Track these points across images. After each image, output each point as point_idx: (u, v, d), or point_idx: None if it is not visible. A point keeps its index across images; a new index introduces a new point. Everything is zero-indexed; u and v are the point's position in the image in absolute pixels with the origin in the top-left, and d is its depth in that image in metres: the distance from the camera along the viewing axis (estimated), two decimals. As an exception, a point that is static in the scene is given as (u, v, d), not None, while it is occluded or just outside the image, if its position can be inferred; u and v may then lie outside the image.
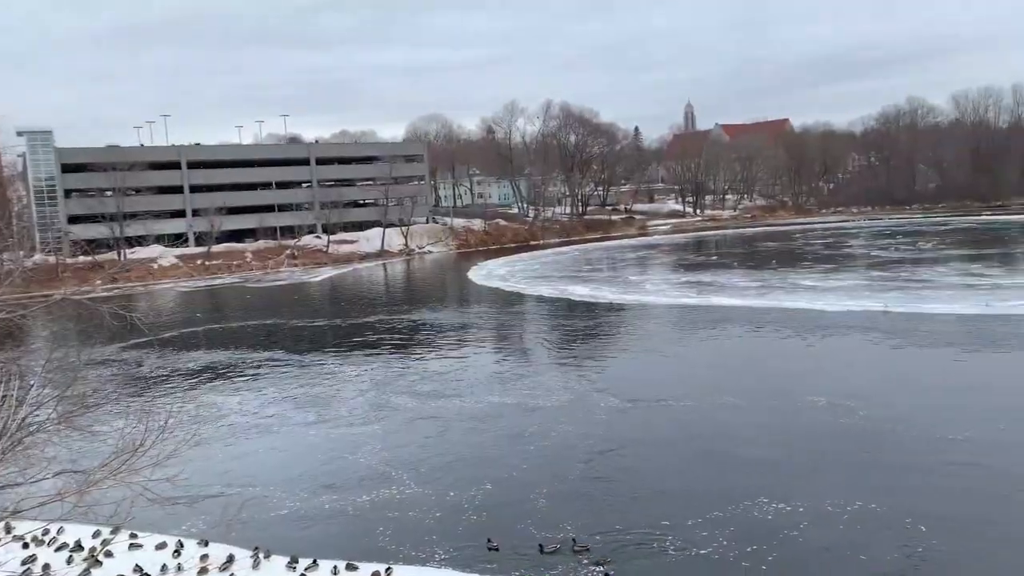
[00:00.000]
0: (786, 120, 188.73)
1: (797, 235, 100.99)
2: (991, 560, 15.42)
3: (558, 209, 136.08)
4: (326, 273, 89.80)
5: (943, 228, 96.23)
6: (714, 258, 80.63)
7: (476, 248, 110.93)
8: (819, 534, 16.77)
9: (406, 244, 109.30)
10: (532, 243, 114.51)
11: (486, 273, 77.78)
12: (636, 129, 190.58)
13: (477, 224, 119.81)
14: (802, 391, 27.61)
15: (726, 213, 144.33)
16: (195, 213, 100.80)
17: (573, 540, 16.70)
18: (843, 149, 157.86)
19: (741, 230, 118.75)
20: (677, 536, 16.94)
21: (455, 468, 22.22)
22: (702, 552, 16.18)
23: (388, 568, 16.17)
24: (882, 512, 17.55)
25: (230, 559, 16.98)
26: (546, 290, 61.10)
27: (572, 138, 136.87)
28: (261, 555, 17.10)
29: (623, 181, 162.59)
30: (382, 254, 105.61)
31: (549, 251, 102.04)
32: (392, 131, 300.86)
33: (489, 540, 17.08)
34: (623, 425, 25.33)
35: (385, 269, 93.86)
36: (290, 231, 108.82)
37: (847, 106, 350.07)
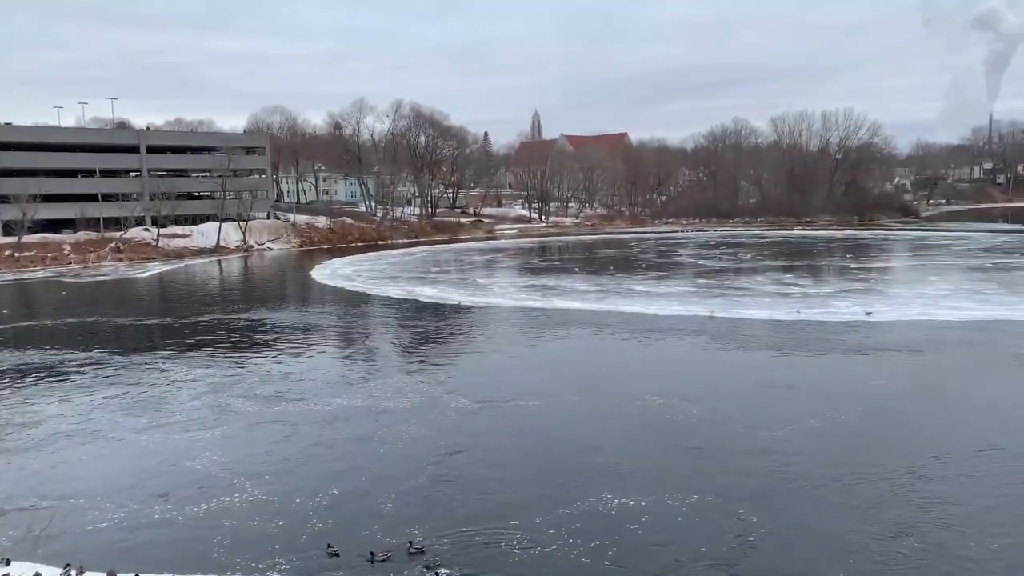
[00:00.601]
0: (625, 134, 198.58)
1: (632, 243, 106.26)
2: (813, 542, 17.00)
3: (407, 209, 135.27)
4: (155, 269, 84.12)
5: (761, 241, 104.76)
6: (557, 263, 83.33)
7: (320, 246, 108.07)
8: (660, 525, 17.85)
9: (244, 240, 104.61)
10: (379, 243, 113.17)
11: (330, 272, 76.02)
12: (486, 134, 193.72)
13: (322, 221, 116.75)
14: (641, 391, 29.19)
15: (569, 220, 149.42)
16: (3, 200, 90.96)
17: (409, 543, 16.69)
18: (675, 164, 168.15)
19: (582, 237, 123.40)
20: (524, 535, 17.42)
21: (301, 473, 21.69)
22: (546, 550, 16.74)
23: None
24: (718, 503, 18.95)
25: (35, 578, 15.67)
26: (393, 291, 60.69)
27: (422, 139, 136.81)
28: (73, 572, 15.82)
29: (472, 184, 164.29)
30: (217, 250, 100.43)
31: (397, 252, 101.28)
32: (233, 122, 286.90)
33: (329, 546, 16.77)
34: (473, 426, 25.72)
35: (220, 266, 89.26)
36: (116, 223, 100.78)
37: (680, 124, 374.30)
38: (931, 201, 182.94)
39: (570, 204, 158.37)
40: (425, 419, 26.35)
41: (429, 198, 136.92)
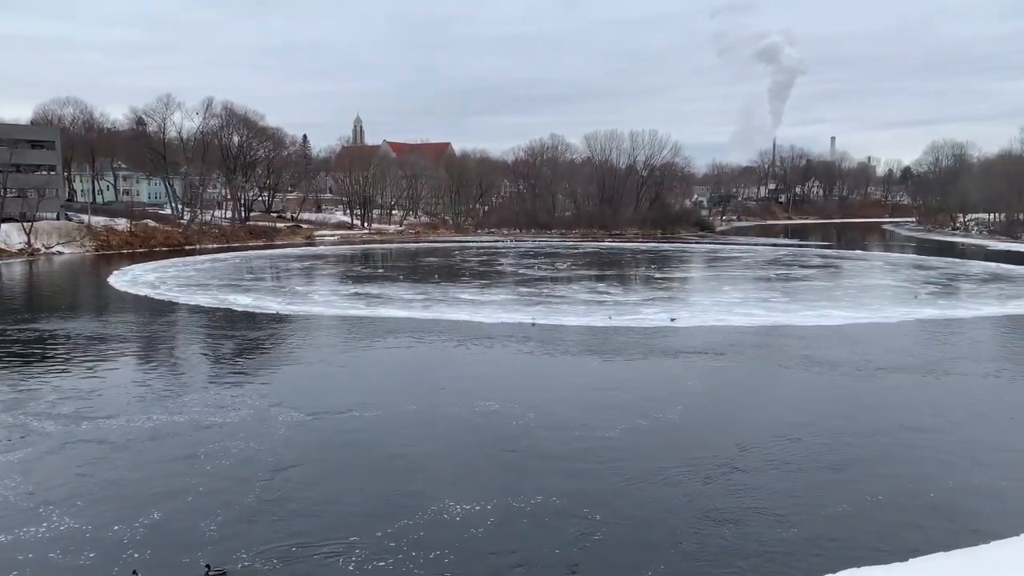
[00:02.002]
0: (448, 144, 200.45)
1: (456, 252, 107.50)
2: (649, 535, 18.06)
3: (218, 213, 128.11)
4: (-84, 273, 73.82)
5: (576, 251, 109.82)
6: (381, 271, 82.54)
7: (119, 251, 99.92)
8: (504, 530, 18.24)
9: (29, 243, 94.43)
10: (187, 248, 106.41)
11: (131, 279, 70.44)
12: (305, 137, 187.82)
13: (122, 224, 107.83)
14: (476, 398, 29.68)
15: (392, 227, 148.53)
16: None
17: (207, 567, 15.76)
18: (497, 175, 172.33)
19: (406, 244, 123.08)
20: (361, 550, 17.13)
21: (118, 498, 19.96)
22: (382, 563, 16.57)
23: None
24: (560, 504, 19.67)
25: None
26: (204, 299, 57.35)
27: (235, 139, 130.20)
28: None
29: (290, 188, 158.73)
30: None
31: (206, 257, 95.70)
32: (16, 111, 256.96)
33: (135, 572, 15.58)
34: (303, 439, 24.93)
35: (0, 271, 79.94)
36: None
37: (502, 137, 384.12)
38: (724, 217, 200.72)
39: (393, 211, 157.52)
40: (253, 434, 25.22)
41: (243, 201, 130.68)
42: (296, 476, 21.76)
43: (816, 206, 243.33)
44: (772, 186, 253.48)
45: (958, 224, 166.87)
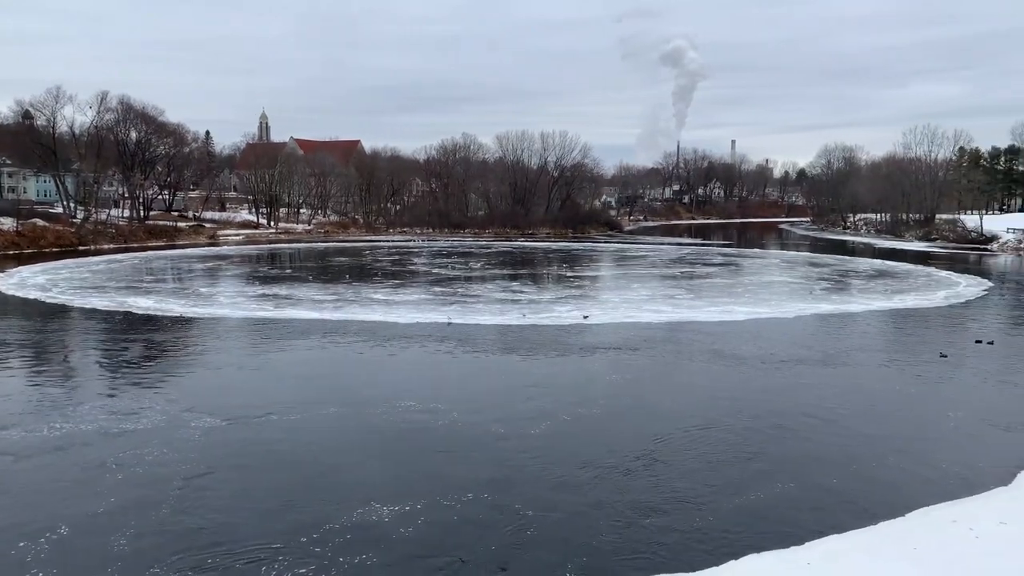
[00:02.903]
0: (358, 141, 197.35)
1: (367, 252, 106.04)
2: (578, 530, 18.22)
3: (115, 212, 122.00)
4: None
5: (488, 250, 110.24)
6: (289, 271, 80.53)
7: (5, 252, 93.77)
8: (436, 529, 18.11)
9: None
10: (81, 248, 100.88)
11: (18, 281, 66.26)
12: (207, 133, 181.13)
13: (7, 223, 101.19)
14: (397, 398, 29.32)
15: (300, 227, 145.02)
16: None
17: None
18: (409, 174, 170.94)
19: (314, 244, 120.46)
20: (285, 556, 16.69)
21: (23, 514, 18.72)
22: (303, 571, 16.20)
23: None
24: (492, 500, 19.71)
25: None
26: (100, 302, 54.54)
27: (133, 135, 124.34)
28: None
29: (192, 186, 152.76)
30: None
31: (102, 258, 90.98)
32: None
33: None
34: (219, 445, 24.05)
35: None
36: None
37: (413, 136, 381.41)
38: (632, 217, 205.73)
39: (302, 210, 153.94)
40: (166, 440, 24.13)
41: (141, 200, 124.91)
42: (213, 483, 20.97)
43: (718, 207, 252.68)
44: (677, 187, 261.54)
45: (848, 224, 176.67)
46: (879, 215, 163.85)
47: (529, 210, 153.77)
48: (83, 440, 24.29)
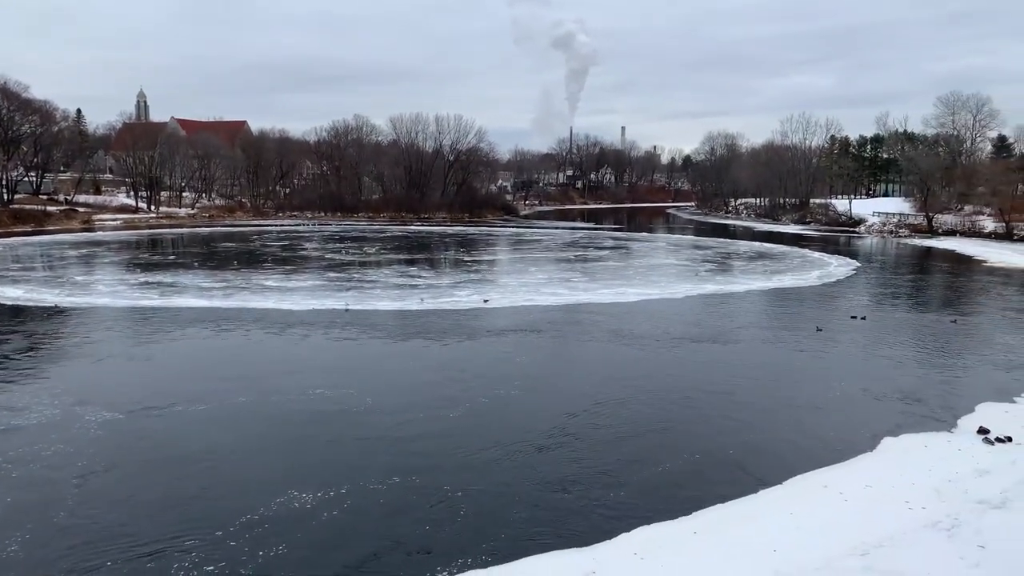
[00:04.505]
0: (244, 122, 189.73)
1: (255, 237, 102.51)
2: (509, 506, 18.36)
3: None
4: None
5: (383, 235, 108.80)
6: (172, 257, 76.81)
7: None
8: (358, 517, 17.94)
9: None
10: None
11: None
12: (79, 112, 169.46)
13: None
14: (302, 386, 28.61)
15: (183, 211, 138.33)
16: None
17: None
18: (299, 156, 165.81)
19: (198, 229, 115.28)
20: (199, 552, 16.13)
21: None
22: (222, 563, 15.77)
23: None
24: (413, 484, 19.70)
25: None
26: (-38, 293, 50.43)
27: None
28: None
29: (63, 168, 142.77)
30: None
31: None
32: None
33: None
34: (120, 439, 22.83)
35: None
36: None
37: (302, 116, 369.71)
38: (527, 202, 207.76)
39: (184, 194, 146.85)
40: (62, 436, 22.73)
41: (4, 182, 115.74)
42: (114, 480, 19.95)
43: (609, 192, 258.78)
44: (570, 172, 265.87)
45: (730, 208, 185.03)
46: (759, 200, 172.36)
47: (425, 194, 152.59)
48: None
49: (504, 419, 25.59)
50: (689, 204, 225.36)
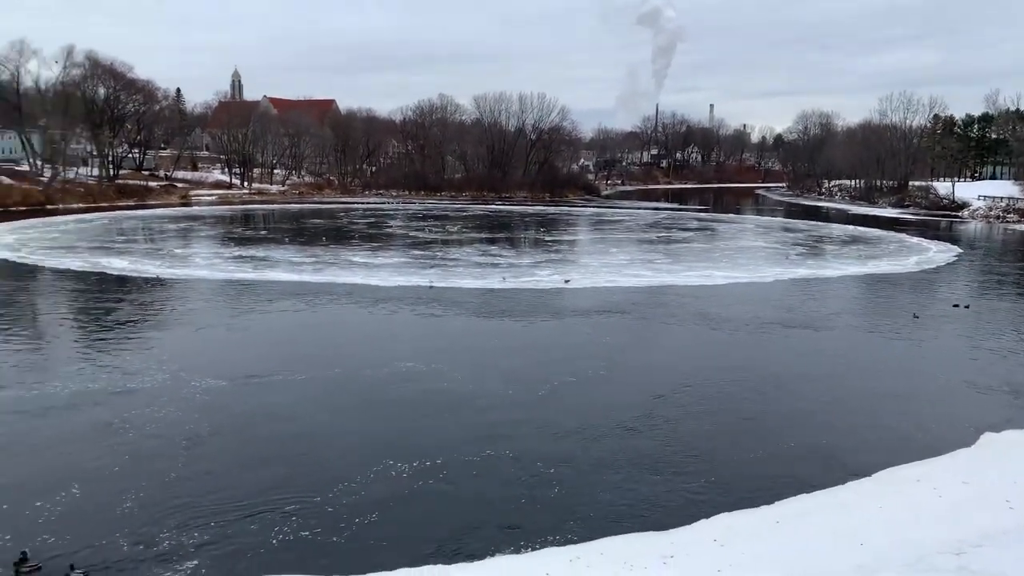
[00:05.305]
0: (333, 101, 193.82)
1: (342, 214, 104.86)
2: (606, 487, 18.62)
3: (83, 170, 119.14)
4: None
5: (465, 214, 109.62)
6: (264, 233, 79.56)
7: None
8: (449, 491, 18.31)
9: None
10: (48, 207, 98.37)
11: (-13, 241, 64.83)
12: (178, 91, 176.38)
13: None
14: (394, 360, 29.43)
15: (275, 188, 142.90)
16: None
17: (71, 566, 14.45)
18: (385, 135, 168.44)
19: (289, 206, 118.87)
20: (296, 518, 16.76)
21: (41, 471, 18.76)
22: (306, 533, 16.32)
23: None
24: (500, 461, 20.14)
25: None
26: (74, 263, 53.57)
27: (101, 91, 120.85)
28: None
29: (163, 145, 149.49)
30: None
31: (71, 217, 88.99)
32: None
33: (72, 566, 14.37)
34: (223, 406, 24.09)
35: None
36: None
37: (389, 95, 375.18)
38: (609, 181, 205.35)
39: (275, 171, 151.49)
40: (170, 400, 24.16)
41: (111, 158, 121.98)
42: (221, 443, 21.08)
43: (695, 171, 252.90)
44: (655, 151, 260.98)
45: (823, 189, 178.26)
46: (853, 181, 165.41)
47: (506, 173, 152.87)
48: (93, 400, 24.24)
49: (591, 399, 25.63)
50: (779, 185, 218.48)
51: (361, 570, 14.69)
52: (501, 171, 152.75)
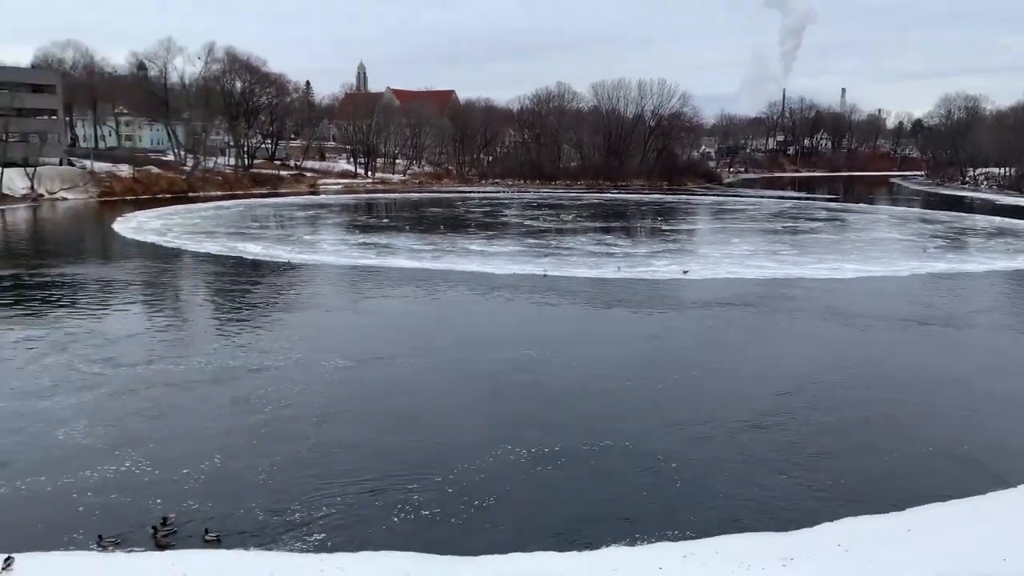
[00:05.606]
0: (452, 92, 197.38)
1: (459, 203, 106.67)
2: (725, 485, 18.31)
3: (221, 160, 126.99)
4: (-79, 218, 73.55)
5: (580, 202, 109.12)
6: (386, 221, 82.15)
7: (123, 197, 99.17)
8: (567, 480, 18.39)
9: (32, 188, 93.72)
10: (190, 195, 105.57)
11: (136, 226, 70.11)
12: (308, 84, 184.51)
13: (124, 170, 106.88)
14: (513, 346, 29.88)
15: (396, 177, 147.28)
16: None
17: (205, 531, 15.40)
18: (502, 124, 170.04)
19: (409, 194, 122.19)
20: (420, 496, 17.27)
21: (187, 441, 20.22)
22: (426, 512, 16.79)
23: (8, 558, 14.00)
24: (622, 451, 20.01)
25: None
26: (212, 247, 57.19)
27: (238, 85, 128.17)
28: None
29: (293, 136, 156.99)
30: (0, 199, 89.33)
31: (210, 205, 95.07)
32: (15, 54, 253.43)
33: (165, 521, 15.51)
34: (350, 385, 25.22)
35: (4, 216, 79.55)
36: None
37: (506, 85, 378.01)
38: (732, 169, 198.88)
39: (397, 160, 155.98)
40: (302, 379, 25.50)
41: (246, 148, 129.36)
42: (348, 421, 22.04)
43: (824, 159, 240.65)
44: (781, 138, 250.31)
45: (967, 178, 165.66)
46: (1003, 169, 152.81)
47: (623, 161, 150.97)
48: (232, 375, 25.92)
49: (714, 393, 25.00)
50: (917, 173, 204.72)
51: (477, 552, 14.92)
52: (618, 159, 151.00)
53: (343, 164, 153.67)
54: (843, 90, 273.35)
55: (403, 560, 14.63)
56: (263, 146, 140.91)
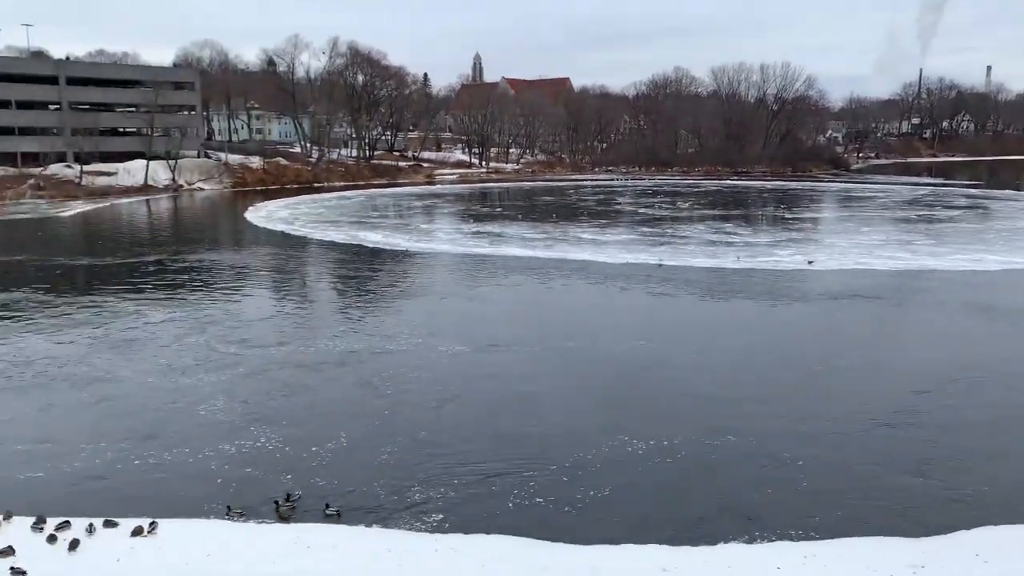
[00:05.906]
0: (567, 79, 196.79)
1: (571, 191, 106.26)
2: (853, 483, 17.63)
3: (344, 151, 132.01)
4: (78, 207, 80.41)
5: (696, 190, 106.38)
6: (499, 210, 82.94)
7: (254, 187, 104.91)
8: (685, 475, 18.10)
9: (173, 179, 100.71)
10: (315, 185, 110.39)
11: (266, 215, 73.97)
12: (425, 76, 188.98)
13: (255, 162, 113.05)
14: (629, 337, 29.68)
15: (509, 166, 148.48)
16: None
17: (326, 505, 16.01)
18: (616, 111, 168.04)
19: (522, 184, 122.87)
20: (537, 482, 17.45)
21: (315, 420, 21.27)
22: (539, 500, 16.90)
23: (152, 522, 15.07)
24: (740, 446, 19.57)
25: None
26: (336, 235, 59.54)
27: (360, 78, 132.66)
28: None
29: (411, 127, 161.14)
30: (145, 189, 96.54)
31: (333, 194, 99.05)
32: (159, 55, 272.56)
33: (327, 506, 16.10)
34: (468, 369, 25.81)
35: (149, 206, 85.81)
36: (34, 158, 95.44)
37: (621, 71, 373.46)
38: (860, 154, 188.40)
39: (511, 150, 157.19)
40: (422, 363, 26.27)
41: (367, 140, 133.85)
42: (466, 406, 22.49)
43: (965, 142, 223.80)
44: (916, 120, 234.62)
45: None
46: None
47: (743, 147, 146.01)
48: (357, 359, 26.97)
49: (844, 389, 23.83)
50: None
51: (591, 541, 14.85)
52: (738, 144, 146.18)
53: (458, 155, 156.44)
54: (988, 67, 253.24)
55: (515, 545, 14.77)
56: (383, 138, 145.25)
